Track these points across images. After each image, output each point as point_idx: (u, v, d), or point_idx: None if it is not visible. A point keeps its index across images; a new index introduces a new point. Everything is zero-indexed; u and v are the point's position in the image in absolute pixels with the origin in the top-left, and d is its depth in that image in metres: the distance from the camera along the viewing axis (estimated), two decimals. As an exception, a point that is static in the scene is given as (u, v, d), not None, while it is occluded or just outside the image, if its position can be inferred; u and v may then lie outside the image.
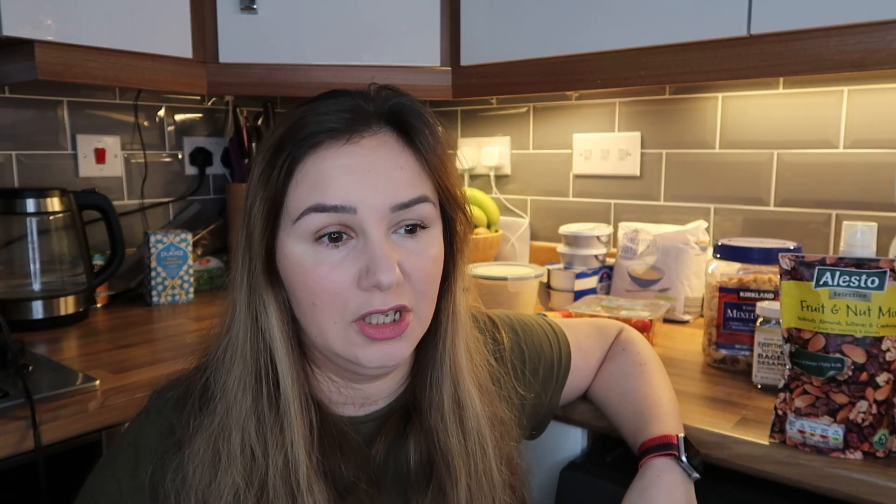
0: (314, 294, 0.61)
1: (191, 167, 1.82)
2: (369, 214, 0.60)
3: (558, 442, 0.99)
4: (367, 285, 0.60)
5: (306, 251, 0.61)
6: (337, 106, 0.63)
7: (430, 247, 0.65)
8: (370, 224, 0.61)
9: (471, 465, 0.69)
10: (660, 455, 0.76)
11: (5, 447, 0.88)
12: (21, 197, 1.36)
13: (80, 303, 1.42)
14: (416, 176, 0.64)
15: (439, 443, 0.68)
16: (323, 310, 0.62)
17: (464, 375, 0.70)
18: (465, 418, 0.70)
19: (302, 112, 0.63)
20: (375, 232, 0.61)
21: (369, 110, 0.64)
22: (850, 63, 1.01)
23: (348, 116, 0.62)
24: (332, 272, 0.61)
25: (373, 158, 0.62)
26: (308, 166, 0.61)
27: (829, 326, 0.78)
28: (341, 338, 0.62)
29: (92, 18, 1.24)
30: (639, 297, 1.41)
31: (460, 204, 0.69)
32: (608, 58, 1.25)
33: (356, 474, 0.66)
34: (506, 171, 1.82)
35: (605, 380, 0.91)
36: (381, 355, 0.63)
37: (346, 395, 0.69)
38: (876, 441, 0.77)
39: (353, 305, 0.61)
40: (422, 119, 0.65)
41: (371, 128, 0.63)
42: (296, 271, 0.62)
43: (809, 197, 1.38)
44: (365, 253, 0.61)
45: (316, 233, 0.61)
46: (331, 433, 0.66)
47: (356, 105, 0.63)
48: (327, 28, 1.42)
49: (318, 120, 0.62)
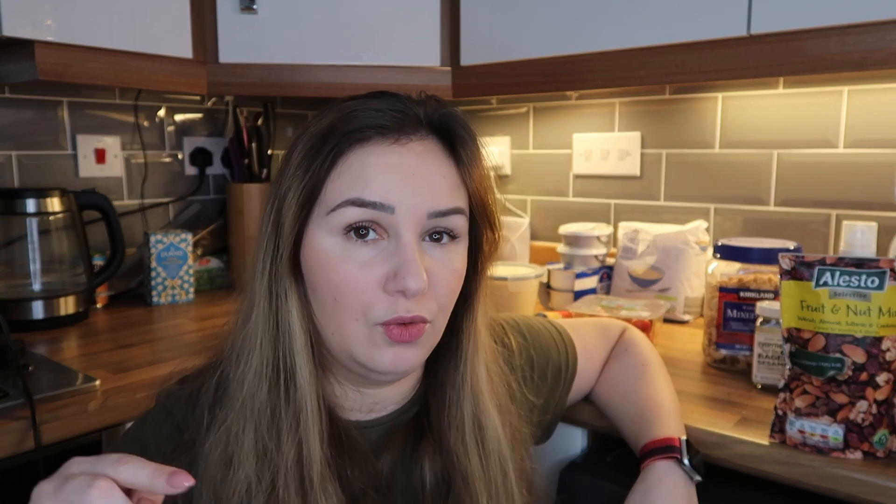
0: (338, 289, 0.60)
1: (191, 167, 1.82)
2: (406, 217, 0.60)
3: (558, 442, 0.99)
4: (393, 289, 0.59)
5: (335, 244, 0.61)
6: (388, 105, 0.63)
7: (455, 259, 0.64)
8: (405, 227, 0.60)
9: (491, 487, 0.68)
10: (662, 458, 0.76)
11: (5, 447, 0.88)
12: (21, 197, 1.36)
13: (80, 303, 1.42)
14: (456, 187, 0.64)
15: (459, 464, 0.68)
16: (345, 307, 0.61)
17: (484, 397, 0.69)
18: (486, 440, 0.69)
19: (352, 105, 0.63)
20: (409, 235, 0.60)
21: (419, 115, 0.63)
22: (850, 63, 1.01)
23: (399, 117, 0.62)
24: (360, 270, 0.60)
25: (418, 162, 0.61)
26: (352, 159, 0.61)
27: (829, 326, 0.78)
28: (362, 336, 0.61)
29: (92, 18, 1.24)
30: (639, 297, 1.41)
31: (491, 221, 0.68)
32: (608, 58, 1.25)
33: (364, 481, 0.65)
34: (506, 171, 1.82)
35: (607, 381, 0.90)
36: (395, 359, 0.62)
37: (354, 399, 0.68)
38: (876, 441, 0.77)
39: (377, 309, 0.60)
40: (468, 132, 0.65)
41: (419, 132, 0.63)
42: (321, 264, 0.61)
43: (809, 197, 1.38)
44: (396, 255, 0.60)
45: (348, 226, 0.60)
46: (339, 437, 0.65)
47: (407, 108, 0.63)
48: (327, 28, 1.42)
49: (368, 115, 0.61)
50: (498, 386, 0.73)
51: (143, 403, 1.00)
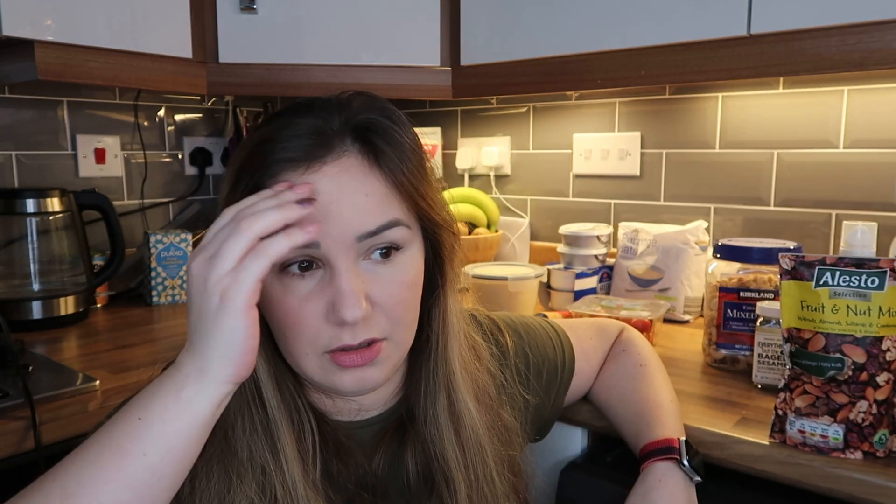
0: (284, 325, 0.60)
1: (191, 167, 1.82)
2: (334, 247, 0.58)
3: (558, 442, 0.99)
4: (333, 321, 0.58)
5: (273, 281, 0.59)
6: (298, 129, 0.59)
7: (404, 271, 0.62)
8: (335, 256, 0.58)
9: (470, 476, 0.68)
10: (661, 459, 0.76)
11: (5, 447, 0.88)
12: (21, 197, 1.36)
13: (80, 303, 1.42)
14: (385, 199, 0.60)
15: (437, 455, 0.68)
16: (295, 340, 0.60)
17: (458, 386, 0.69)
18: (461, 429, 0.69)
19: (263, 135, 0.60)
20: (341, 265, 0.58)
21: (333, 129, 0.60)
22: (850, 63, 1.01)
23: (309, 143, 0.59)
24: (301, 305, 0.59)
25: (334, 188, 0.58)
26: None
27: (829, 326, 0.78)
28: (316, 366, 0.61)
29: (92, 18, 1.24)
30: (639, 297, 1.41)
31: (441, 223, 0.65)
32: (608, 58, 1.25)
33: (357, 483, 0.65)
34: (506, 171, 1.82)
35: (605, 381, 0.90)
36: (356, 381, 0.62)
37: (338, 406, 0.69)
38: (876, 441, 0.77)
39: (323, 339, 0.59)
40: (391, 136, 0.61)
41: (334, 151, 0.59)
42: (265, 301, 0.60)
43: (809, 197, 1.38)
44: (331, 285, 0.58)
45: (280, 265, 0.58)
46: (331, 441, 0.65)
47: (319, 126, 0.60)
48: (327, 28, 1.42)
49: (276, 147, 0.59)
50: (475, 374, 0.72)
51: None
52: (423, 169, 0.64)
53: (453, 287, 0.70)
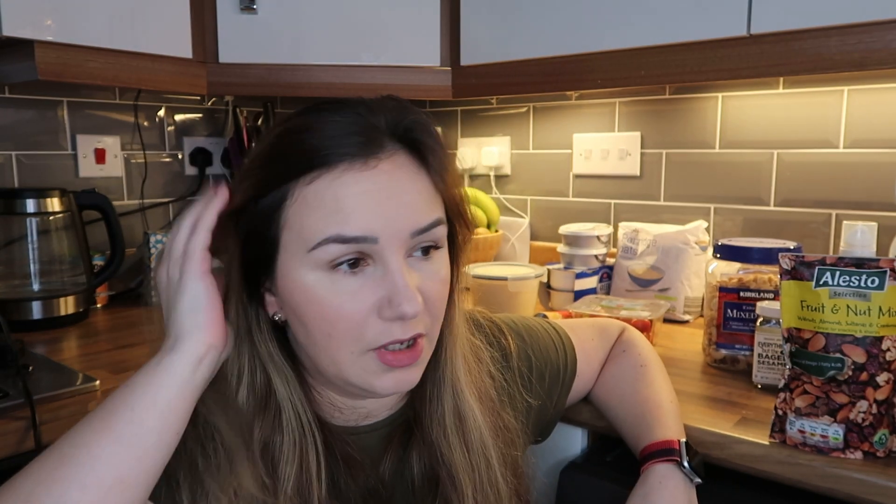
0: (332, 324, 0.59)
1: (191, 167, 1.82)
2: (390, 242, 0.58)
3: (558, 442, 0.99)
4: (389, 316, 0.58)
5: (320, 279, 0.59)
6: (348, 125, 0.59)
7: (441, 268, 0.63)
8: (390, 252, 0.58)
9: (476, 477, 0.68)
10: (662, 461, 0.76)
11: (5, 447, 0.88)
12: (21, 197, 1.36)
13: (80, 303, 1.41)
14: (431, 198, 0.62)
15: (442, 457, 0.68)
16: (340, 340, 0.59)
17: (463, 388, 0.70)
18: (466, 431, 0.69)
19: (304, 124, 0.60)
20: (396, 260, 0.59)
21: (381, 128, 0.61)
22: (850, 63, 1.01)
23: (363, 139, 0.59)
24: (351, 302, 0.58)
25: (392, 183, 0.59)
26: (322, 190, 0.58)
27: (830, 326, 0.78)
28: (357, 367, 0.61)
29: (92, 18, 1.24)
30: (639, 297, 1.41)
31: (464, 217, 0.68)
32: (608, 58, 1.25)
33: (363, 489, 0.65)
34: (506, 171, 1.82)
35: (606, 382, 0.90)
36: (395, 383, 0.62)
37: (345, 414, 0.68)
38: (876, 441, 0.77)
39: (371, 335, 0.59)
40: (433, 137, 0.63)
41: (386, 149, 0.60)
42: (309, 300, 0.59)
43: (809, 197, 1.38)
44: (385, 281, 0.58)
45: (332, 261, 0.58)
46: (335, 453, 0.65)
47: (366, 123, 0.60)
48: (327, 28, 1.42)
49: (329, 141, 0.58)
50: (477, 375, 0.73)
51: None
52: (455, 166, 0.66)
53: (460, 288, 0.70)
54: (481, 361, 0.74)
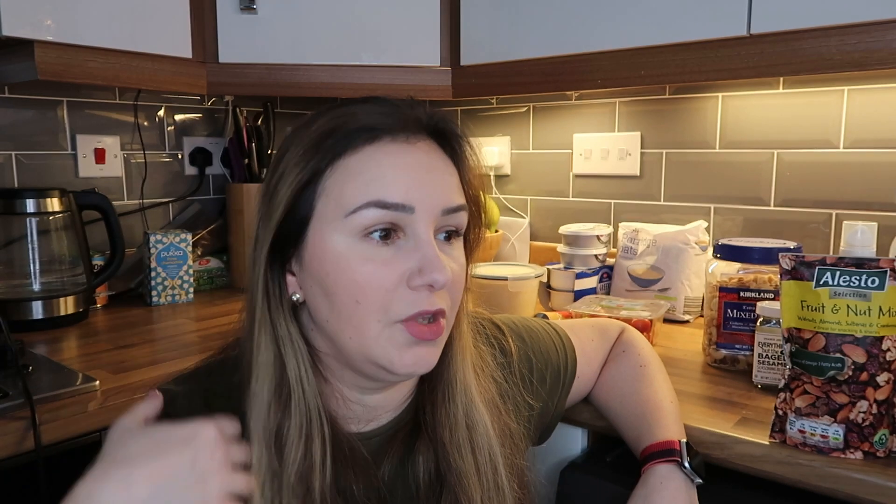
0: (361, 290, 0.60)
1: (191, 167, 1.82)
2: (424, 214, 0.61)
3: (558, 442, 0.99)
4: (418, 284, 0.60)
5: (352, 246, 0.60)
6: (389, 110, 0.63)
7: (460, 255, 0.65)
8: (423, 224, 0.61)
9: (483, 483, 0.68)
10: (662, 461, 0.76)
11: (5, 447, 0.88)
12: (21, 197, 1.36)
13: (79, 303, 1.41)
14: (458, 185, 0.65)
15: (451, 461, 0.68)
16: (367, 308, 0.60)
17: (473, 392, 0.70)
18: (475, 436, 0.69)
19: (351, 108, 0.63)
20: (427, 232, 0.61)
21: (419, 117, 0.64)
22: (850, 63, 1.01)
23: (404, 119, 0.63)
24: (382, 269, 0.60)
25: (429, 160, 0.63)
26: (364, 159, 0.61)
27: (830, 326, 0.78)
28: (382, 338, 0.61)
29: (92, 18, 1.24)
30: (639, 297, 1.41)
31: (482, 218, 0.70)
32: (608, 58, 1.25)
33: (366, 491, 0.65)
34: (506, 171, 1.82)
35: (606, 382, 0.90)
36: (416, 360, 0.62)
37: (353, 410, 0.68)
38: (876, 441, 0.77)
39: (399, 305, 0.60)
40: (462, 133, 0.67)
41: (420, 133, 0.64)
42: (340, 267, 0.60)
43: (809, 197, 1.38)
44: (416, 252, 0.60)
45: (367, 228, 0.60)
46: (342, 449, 0.65)
47: (405, 111, 0.64)
48: (327, 28, 1.42)
49: (374, 117, 0.62)
50: (484, 381, 0.73)
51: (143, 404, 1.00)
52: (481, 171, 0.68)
53: (468, 291, 0.70)
54: (485, 365, 0.75)
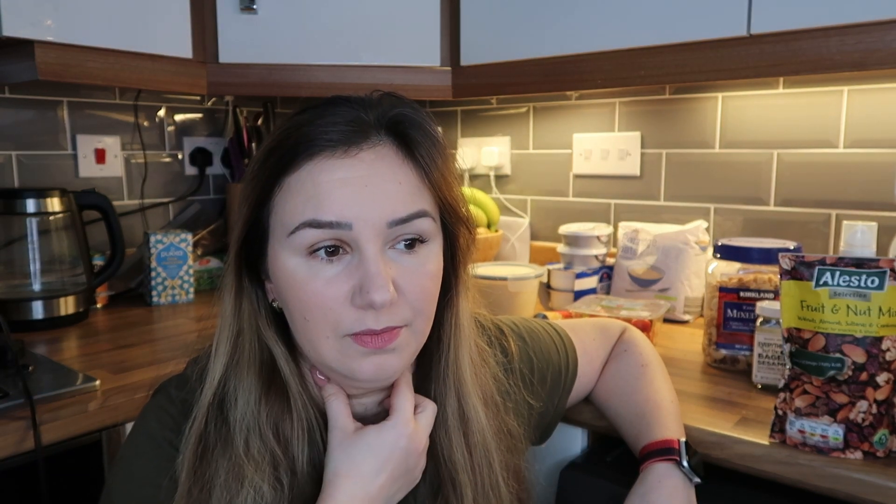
0: (307, 308, 0.60)
1: (191, 167, 1.82)
2: (365, 231, 0.59)
3: (558, 442, 0.99)
4: (360, 303, 0.59)
5: (300, 265, 0.60)
6: (337, 116, 0.61)
7: (427, 262, 0.63)
8: (365, 240, 0.59)
9: (476, 479, 0.68)
10: (661, 460, 0.76)
11: (5, 447, 0.88)
12: (21, 197, 1.36)
13: (80, 303, 1.41)
14: (416, 190, 0.62)
15: (444, 457, 0.68)
16: (315, 324, 0.61)
17: (468, 390, 0.70)
18: (469, 433, 0.69)
19: (300, 120, 0.62)
20: (370, 248, 0.59)
21: (369, 121, 0.62)
22: (850, 63, 1.01)
23: (347, 128, 0.61)
24: (326, 287, 0.59)
25: (370, 172, 0.60)
26: (303, 177, 0.60)
27: (829, 326, 0.78)
28: (335, 350, 0.61)
29: (92, 18, 1.24)
30: (639, 297, 1.41)
31: (462, 218, 0.67)
32: (608, 58, 1.25)
33: None
34: (506, 171, 1.82)
35: (607, 381, 0.90)
36: (375, 368, 0.62)
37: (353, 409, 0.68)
38: (876, 441, 0.77)
39: (346, 322, 0.60)
40: (423, 131, 0.63)
41: (370, 139, 0.61)
42: (289, 284, 0.61)
43: (809, 197, 1.38)
44: (359, 269, 0.59)
45: (310, 247, 0.60)
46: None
47: (356, 115, 0.62)
48: (327, 28, 1.42)
49: (315, 130, 0.60)
50: (483, 379, 0.73)
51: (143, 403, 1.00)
52: (450, 164, 0.65)
53: (465, 290, 0.70)
54: (487, 364, 0.75)
